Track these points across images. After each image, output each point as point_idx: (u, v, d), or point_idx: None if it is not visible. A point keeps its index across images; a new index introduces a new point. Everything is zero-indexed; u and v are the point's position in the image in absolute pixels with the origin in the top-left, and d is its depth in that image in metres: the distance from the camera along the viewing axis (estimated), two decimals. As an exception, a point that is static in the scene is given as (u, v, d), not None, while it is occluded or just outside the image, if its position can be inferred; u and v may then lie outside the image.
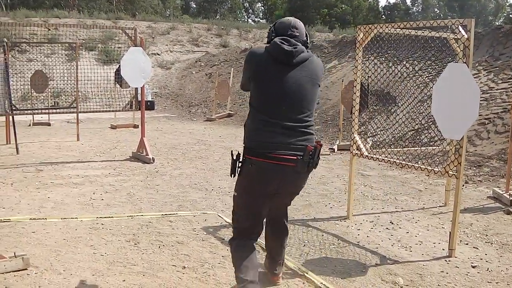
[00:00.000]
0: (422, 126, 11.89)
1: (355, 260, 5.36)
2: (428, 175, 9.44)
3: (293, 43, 3.83)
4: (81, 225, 6.32)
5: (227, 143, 13.70)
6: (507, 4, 66.74)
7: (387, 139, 12.01)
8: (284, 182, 3.89)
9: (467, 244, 5.94)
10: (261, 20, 69.68)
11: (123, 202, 7.54)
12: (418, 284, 4.79)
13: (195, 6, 71.31)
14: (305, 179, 4.07)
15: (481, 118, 11.01)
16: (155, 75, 27.44)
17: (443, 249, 5.68)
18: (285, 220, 4.51)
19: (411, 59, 13.12)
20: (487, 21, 55.13)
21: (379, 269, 5.11)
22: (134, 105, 12.41)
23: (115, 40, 28.01)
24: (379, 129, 12.50)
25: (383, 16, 66.75)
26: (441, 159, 9.08)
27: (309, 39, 4.03)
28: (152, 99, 23.73)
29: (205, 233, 6.11)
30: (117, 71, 14.96)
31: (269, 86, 3.83)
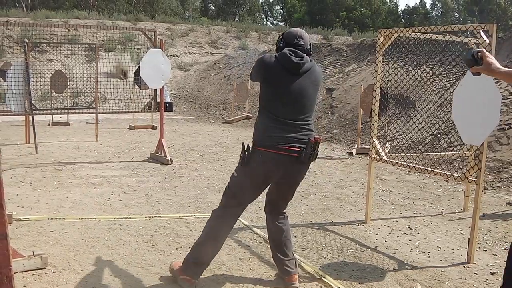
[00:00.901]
0: (441, 131, 11.82)
1: (373, 265, 5.34)
2: (447, 181, 9.38)
3: (299, 54, 4.37)
4: (99, 225, 6.34)
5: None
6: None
7: (406, 143, 11.94)
8: (287, 171, 4.42)
9: (486, 250, 5.89)
10: (279, 23, 69.63)
11: (141, 203, 7.56)
12: (436, 290, 4.76)
13: (214, 8, 71.35)
14: (305, 170, 4.59)
15: (501, 123, 10.92)
16: (173, 76, 27.51)
17: (462, 255, 5.64)
18: (282, 216, 4.85)
19: (431, 63, 13.05)
20: (507, 26, 54.71)
21: (397, 275, 5.07)
22: (152, 107, 12.45)
23: (134, 41, 28.14)
24: (398, 134, 12.43)
25: (402, 20, 66.40)
26: (460, 165, 9.01)
27: (312, 48, 4.59)
28: (170, 100, 23.78)
29: (222, 235, 6.11)
30: (136, 72, 15.03)
31: (278, 91, 4.36)
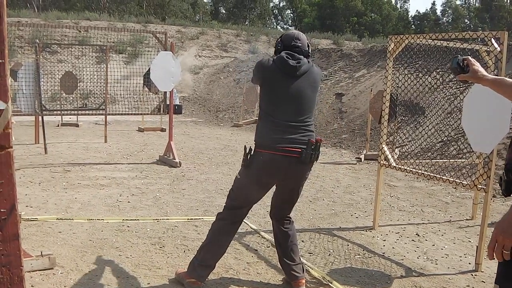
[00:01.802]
0: (451, 138, 11.79)
1: (380, 271, 5.33)
2: (455, 188, 9.35)
3: (296, 57, 4.42)
4: (107, 227, 6.36)
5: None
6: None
7: (415, 150, 11.92)
8: (289, 172, 4.44)
9: (494, 258, 5.86)
10: (290, 27, 69.71)
11: (149, 205, 7.58)
12: (444, 297, 4.75)
13: (224, 11, 71.51)
14: (307, 171, 4.58)
15: (510, 131, 10.87)
16: (183, 79, 27.57)
17: (470, 263, 5.62)
18: (287, 220, 4.86)
19: (441, 70, 13.03)
20: (518, 34, 54.49)
21: (404, 281, 5.06)
22: (162, 109, 12.48)
23: (144, 43, 28.23)
24: (407, 140, 12.41)
25: (413, 26, 66.39)
26: (469, 172, 8.99)
27: (310, 49, 4.65)
28: (179, 103, 23.82)
29: (230, 239, 6.12)
30: (146, 75, 15.07)
31: (277, 93, 4.41)
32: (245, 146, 4.49)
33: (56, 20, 32.64)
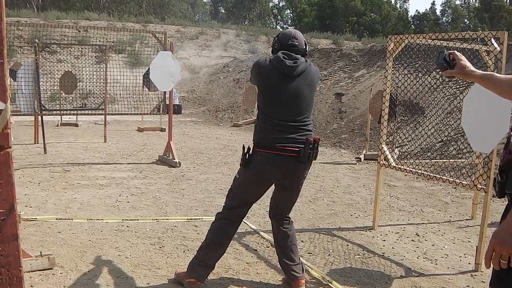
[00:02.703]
0: (450, 138, 11.79)
1: (380, 271, 5.32)
2: (455, 188, 9.35)
3: (293, 57, 4.42)
4: (107, 227, 6.35)
5: (253, 149, 13.67)
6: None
7: (415, 150, 11.92)
8: (287, 171, 4.45)
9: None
10: (289, 27, 69.68)
11: (149, 205, 7.57)
12: (443, 298, 4.75)
13: (224, 11, 71.51)
14: (306, 170, 4.58)
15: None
16: (182, 79, 27.57)
17: (469, 263, 5.62)
18: (286, 220, 4.84)
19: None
20: (518, 33, 54.46)
21: (404, 281, 5.06)
22: (161, 109, 12.47)
23: (144, 43, 28.23)
24: (407, 140, 12.41)
25: (412, 26, 66.31)
26: (469, 172, 8.98)
27: (307, 47, 4.66)
28: (179, 103, 23.82)
29: (229, 239, 6.11)
30: (146, 74, 15.07)
31: (274, 93, 4.42)
32: (244, 145, 4.51)
33: (55, 20, 32.66)
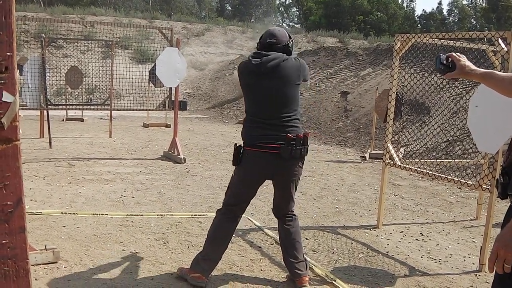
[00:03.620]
0: (456, 138, 11.77)
1: (384, 270, 5.32)
2: (460, 188, 9.33)
3: (262, 55, 4.46)
4: (111, 222, 6.37)
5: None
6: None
7: (420, 149, 11.90)
8: (275, 168, 4.52)
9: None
10: (295, 24, 69.63)
11: (153, 200, 7.59)
12: (447, 297, 4.74)
13: (230, 8, 71.47)
14: (295, 166, 4.58)
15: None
16: (188, 75, 27.56)
17: (473, 263, 5.61)
18: (291, 211, 4.87)
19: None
20: (525, 34, 54.19)
21: (408, 281, 5.06)
22: (167, 105, 12.48)
23: (150, 39, 28.24)
24: (412, 139, 12.39)
25: (419, 25, 66.14)
26: (474, 172, 8.97)
27: (292, 43, 4.66)
28: (184, 99, 23.82)
29: (234, 235, 6.11)
30: (151, 70, 15.08)
31: (250, 92, 4.60)
32: (235, 144, 4.65)
33: (62, 14, 32.70)
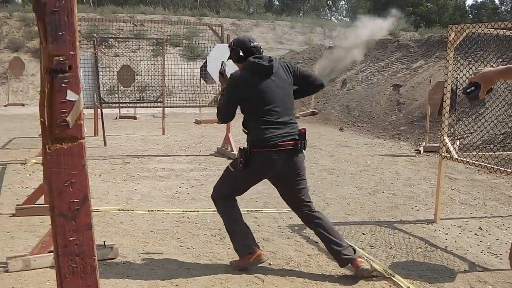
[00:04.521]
0: (513, 129, 11.51)
1: (443, 265, 5.23)
2: (519, 181, 9.13)
3: (265, 58, 4.75)
4: (168, 218, 6.43)
5: (312, 141, 13.58)
6: None
7: (477, 142, 11.68)
8: (285, 164, 4.67)
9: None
10: (344, 18, 69.21)
11: (208, 196, 7.52)
12: (510, 293, 4.63)
13: (278, 3, 71.40)
14: (302, 159, 4.79)
15: None
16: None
17: (536, 258, 5.47)
18: (309, 206, 4.90)
19: (502, 60, 12.73)
20: None
21: (468, 276, 4.95)
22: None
23: (199, 36, 28.42)
24: (468, 132, 12.16)
25: (470, 15, 65.02)
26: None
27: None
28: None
29: (290, 231, 6.10)
30: (203, 67, 15.16)
31: (265, 95, 4.67)
32: (240, 148, 4.78)
33: (111, 14, 33.15)
